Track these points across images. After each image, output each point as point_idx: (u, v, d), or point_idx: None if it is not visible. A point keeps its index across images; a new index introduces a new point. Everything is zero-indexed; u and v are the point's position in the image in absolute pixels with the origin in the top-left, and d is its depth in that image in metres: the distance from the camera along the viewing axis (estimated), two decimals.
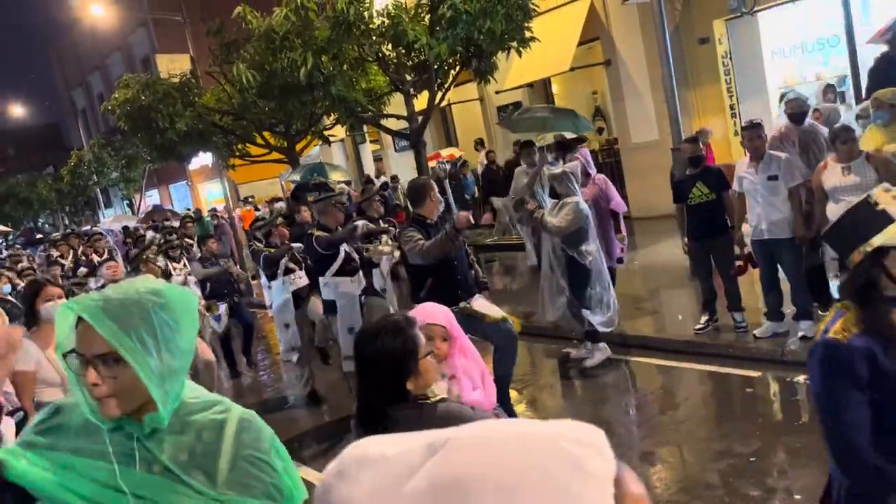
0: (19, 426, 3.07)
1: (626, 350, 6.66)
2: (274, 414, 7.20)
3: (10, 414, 3.16)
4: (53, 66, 41.31)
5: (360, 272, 6.61)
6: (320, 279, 6.63)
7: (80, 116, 38.34)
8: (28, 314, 4.09)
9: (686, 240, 6.57)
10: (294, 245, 7.33)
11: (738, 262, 6.30)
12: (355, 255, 6.66)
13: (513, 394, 6.45)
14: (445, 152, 16.60)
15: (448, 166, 15.04)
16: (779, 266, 6.00)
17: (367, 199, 8.23)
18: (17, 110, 43.30)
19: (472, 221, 4.85)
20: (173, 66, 18.47)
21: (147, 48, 28.07)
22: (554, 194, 6.33)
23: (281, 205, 14.39)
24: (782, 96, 6.74)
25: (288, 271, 7.10)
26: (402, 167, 18.46)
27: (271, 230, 7.62)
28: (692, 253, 6.59)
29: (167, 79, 14.28)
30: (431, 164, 15.51)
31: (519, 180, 8.34)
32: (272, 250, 7.23)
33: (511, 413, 5.02)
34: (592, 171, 7.39)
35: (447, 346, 2.63)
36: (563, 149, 8.13)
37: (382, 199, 9.38)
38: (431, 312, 2.65)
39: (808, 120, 6.61)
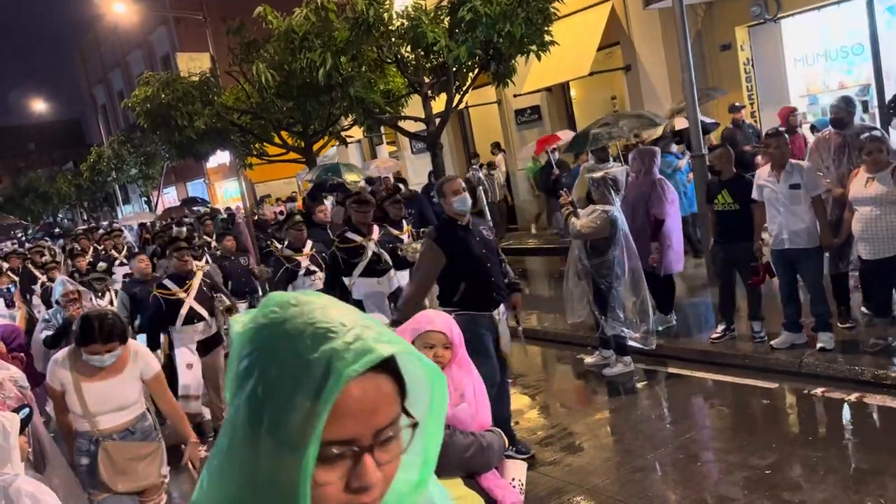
0: (24, 423, 3.06)
1: (642, 359, 6.59)
2: None
3: (16, 410, 3.15)
4: (76, 63, 41.78)
5: (391, 272, 6.44)
6: (346, 280, 6.50)
7: (100, 113, 38.76)
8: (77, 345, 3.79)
9: (711, 241, 6.52)
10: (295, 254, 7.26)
11: (756, 271, 6.22)
12: (386, 256, 6.49)
13: (525, 399, 6.41)
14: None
15: (481, 174, 14.56)
16: (798, 276, 5.92)
17: (391, 201, 8.14)
18: (40, 106, 43.83)
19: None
20: (193, 64, 18.60)
21: (168, 46, 28.31)
22: (590, 198, 6.16)
23: (292, 205, 14.38)
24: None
25: (308, 273, 6.99)
26: (419, 169, 18.46)
27: (289, 230, 7.55)
28: (714, 254, 6.53)
29: (187, 77, 14.37)
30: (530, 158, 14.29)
31: (584, 178, 7.95)
32: (291, 252, 7.14)
33: (513, 440, 4.87)
34: (645, 170, 6.92)
35: (449, 354, 2.52)
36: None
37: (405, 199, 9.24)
38: (431, 318, 2.57)
39: (861, 122, 6.43)
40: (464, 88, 11.33)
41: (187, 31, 24.91)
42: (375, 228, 6.76)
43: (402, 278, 6.86)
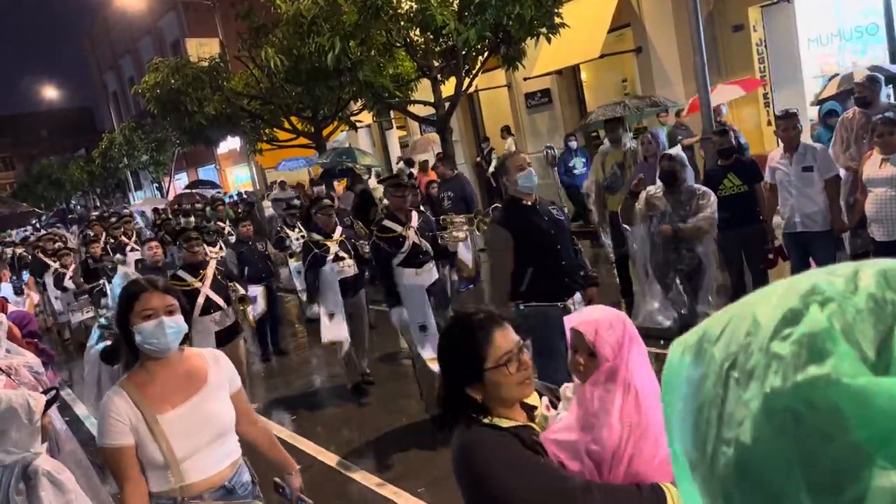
0: (49, 404, 3.08)
1: (652, 342, 6.56)
2: (301, 399, 7.25)
3: (46, 392, 3.17)
4: (86, 50, 41.87)
5: (430, 263, 5.93)
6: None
7: (111, 99, 38.89)
8: (127, 342, 2.53)
9: (716, 230, 6.45)
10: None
11: (769, 255, 6.18)
12: (426, 246, 5.90)
13: None
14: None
15: (555, 151, 13.20)
16: (811, 260, 5.88)
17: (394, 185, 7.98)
18: (51, 93, 43.99)
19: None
20: (202, 49, 18.62)
21: (177, 32, 28.32)
22: (670, 179, 5.31)
23: (321, 188, 14.21)
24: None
25: (337, 259, 6.66)
26: (428, 154, 18.42)
27: (317, 215, 7.32)
28: (721, 244, 6.47)
29: (196, 63, 14.37)
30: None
31: (598, 162, 7.61)
32: (320, 238, 6.82)
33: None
34: (661, 152, 6.74)
35: (592, 365, 1.91)
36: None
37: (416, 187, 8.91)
38: (583, 314, 2.03)
39: (887, 101, 6.33)
40: (473, 72, 11.27)
41: (196, 17, 24.88)
42: (414, 215, 6.08)
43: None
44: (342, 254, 6.72)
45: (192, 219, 13.55)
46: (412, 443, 5.46)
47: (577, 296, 4.48)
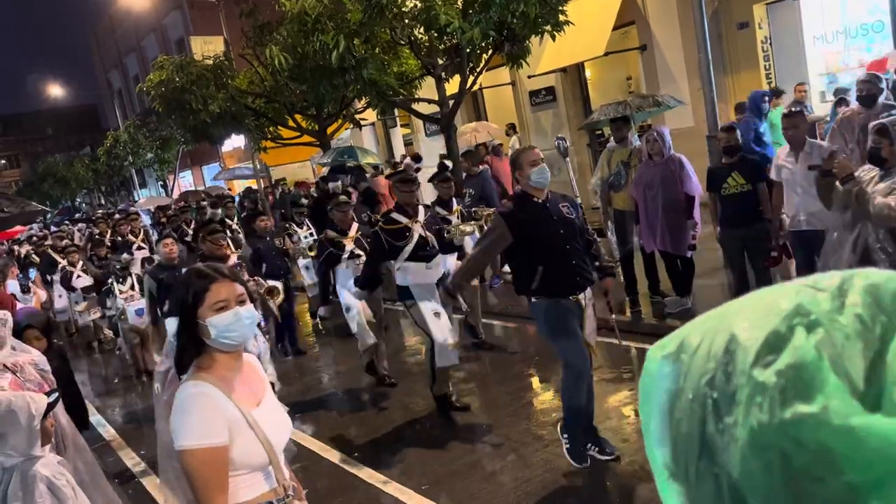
0: (50, 406, 3.08)
1: (653, 341, 6.55)
2: (307, 397, 7.27)
3: (48, 394, 3.18)
4: (91, 49, 41.95)
5: (438, 257, 5.93)
6: (392, 263, 5.99)
7: (116, 98, 38.94)
8: (188, 335, 2.13)
9: (718, 229, 6.44)
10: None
11: (773, 253, 6.17)
12: (433, 239, 5.92)
13: (616, 398, 6.38)
14: None
15: (567, 143, 12.33)
16: (816, 258, 5.86)
17: (439, 179, 7.89)
18: (56, 91, 44.06)
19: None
20: (207, 48, 18.63)
21: (181, 30, 28.36)
22: (879, 159, 4.34)
23: (338, 184, 14.00)
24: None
25: (353, 256, 6.68)
26: (433, 151, 18.42)
27: (332, 211, 7.21)
28: (724, 243, 6.46)
29: (201, 61, 14.38)
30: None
31: (604, 159, 7.64)
32: (335, 234, 6.83)
33: (595, 439, 4.57)
34: (667, 151, 6.75)
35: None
36: None
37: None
38: None
39: (883, 101, 6.29)
40: (477, 70, 11.26)
41: (201, 15, 24.92)
42: (421, 209, 6.16)
43: (450, 264, 6.45)
44: (358, 251, 6.74)
45: (220, 210, 13.30)
46: (417, 440, 5.48)
47: (588, 291, 4.47)
